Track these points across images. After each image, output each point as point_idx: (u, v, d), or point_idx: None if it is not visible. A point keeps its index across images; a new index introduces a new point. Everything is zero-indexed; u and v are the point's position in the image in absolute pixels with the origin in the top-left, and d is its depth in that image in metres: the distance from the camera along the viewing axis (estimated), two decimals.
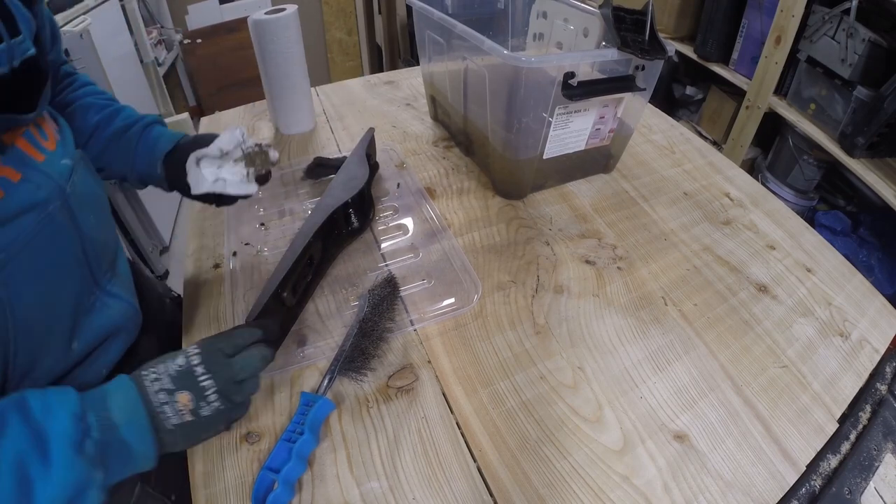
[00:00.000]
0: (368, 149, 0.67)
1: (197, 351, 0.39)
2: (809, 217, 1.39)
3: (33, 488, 0.29)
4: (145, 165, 0.55)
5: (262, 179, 0.52)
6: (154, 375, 0.37)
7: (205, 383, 0.38)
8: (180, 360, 0.38)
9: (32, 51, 0.39)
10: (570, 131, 0.64)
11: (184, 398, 0.37)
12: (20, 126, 0.39)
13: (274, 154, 0.51)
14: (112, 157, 0.55)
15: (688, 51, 1.57)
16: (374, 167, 0.70)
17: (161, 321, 0.58)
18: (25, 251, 0.37)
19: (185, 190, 0.53)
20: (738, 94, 1.45)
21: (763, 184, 0.90)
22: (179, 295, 0.64)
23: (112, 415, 0.34)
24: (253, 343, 0.42)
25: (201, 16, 2.30)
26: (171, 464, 0.54)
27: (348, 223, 0.61)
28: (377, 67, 2.62)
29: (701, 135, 1.64)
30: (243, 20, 2.19)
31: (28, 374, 0.39)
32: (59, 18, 1.31)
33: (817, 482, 0.41)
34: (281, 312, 0.48)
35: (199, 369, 0.38)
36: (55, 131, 0.45)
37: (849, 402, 0.47)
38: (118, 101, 0.58)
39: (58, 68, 0.56)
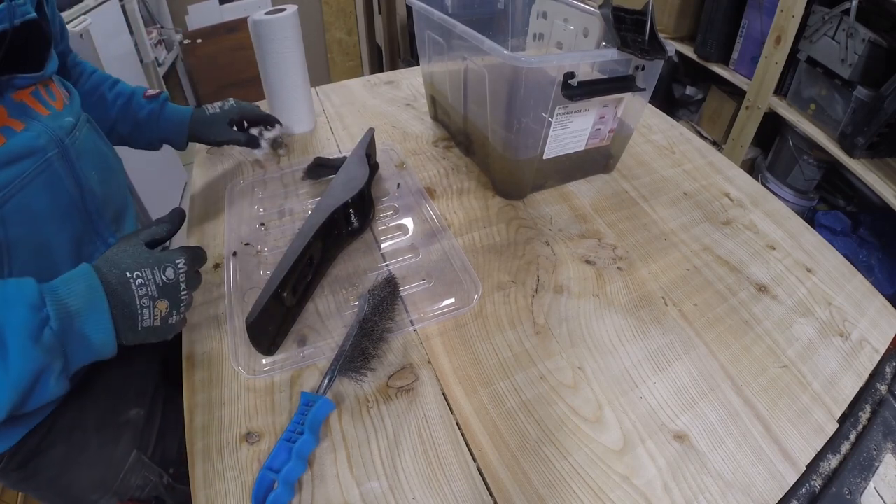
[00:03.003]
0: (368, 149, 0.67)
1: (184, 268, 0.41)
2: (809, 217, 1.39)
3: None
4: (169, 140, 0.69)
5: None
6: (141, 280, 0.38)
7: (183, 297, 0.41)
8: (170, 273, 0.40)
9: (33, 14, 0.42)
10: (570, 131, 0.64)
11: (162, 306, 0.39)
12: (28, 85, 0.43)
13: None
14: (137, 140, 0.67)
15: (688, 51, 1.57)
16: (374, 167, 0.70)
17: None
18: (23, 192, 0.41)
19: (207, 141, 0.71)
20: (738, 94, 1.45)
21: (763, 184, 0.90)
22: None
23: (70, 303, 0.34)
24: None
25: (201, 16, 2.30)
26: (171, 438, 0.55)
27: (348, 223, 0.61)
28: (377, 67, 2.62)
29: (701, 135, 1.64)
30: (243, 20, 2.19)
31: None
32: None
33: (817, 482, 0.41)
34: (281, 312, 0.48)
35: (183, 285, 0.41)
36: (64, 96, 0.49)
37: (849, 402, 0.47)
38: (120, 83, 0.67)
39: (65, 59, 0.62)
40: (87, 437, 0.51)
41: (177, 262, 0.40)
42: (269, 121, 0.75)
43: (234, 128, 0.71)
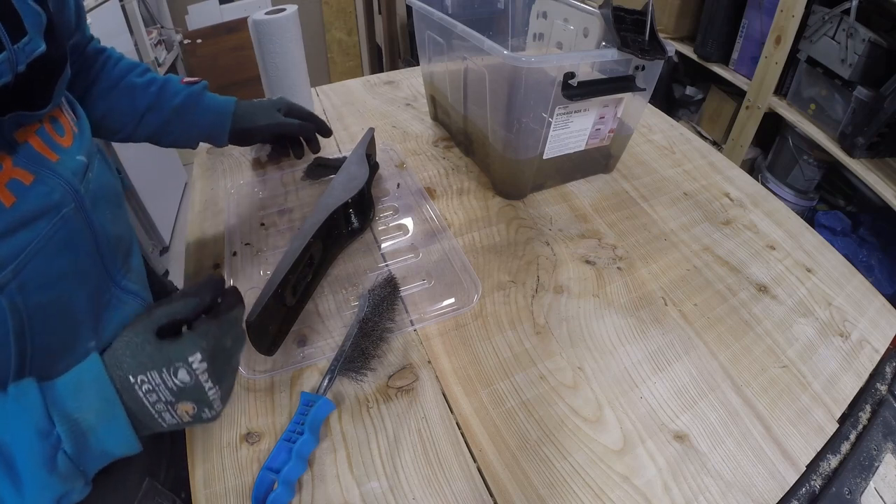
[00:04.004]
0: (368, 149, 0.67)
1: (205, 365, 0.32)
2: (809, 217, 1.39)
3: None
4: (210, 130, 0.63)
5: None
6: (147, 386, 0.31)
7: (211, 395, 0.33)
8: (184, 376, 0.31)
9: (42, 48, 0.37)
10: (570, 131, 0.64)
11: (187, 408, 0.32)
12: (33, 122, 0.38)
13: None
14: (171, 132, 0.61)
15: (688, 51, 1.57)
16: (374, 167, 0.70)
17: None
18: (40, 255, 0.36)
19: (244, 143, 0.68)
20: (738, 94, 1.45)
21: (763, 184, 0.90)
22: None
23: (82, 419, 0.29)
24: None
25: (201, 16, 2.30)
26: (181, 462, 0.54)
27: (348, 223, 0.61)
28: (377, 67, 2.62)
29: (701, 135, 1.64)
30: (243, 20, 2.19)
31: (45, 376, 0.37)
32: None
33: (817, 482, 0.41)
34: (281, 312, 0.48)
35: (209, 385, 0.33)
36: (72, 122, 0.44)
37: (849, 402, 0.47)
38: (152, 71, 0.61)
39: (84, 48, 0.57)
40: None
41: (190, 359, 0.32)
42: (317, 122, 0.70)
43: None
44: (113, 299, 0.46)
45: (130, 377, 0.31)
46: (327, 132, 0.72)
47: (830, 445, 0.43)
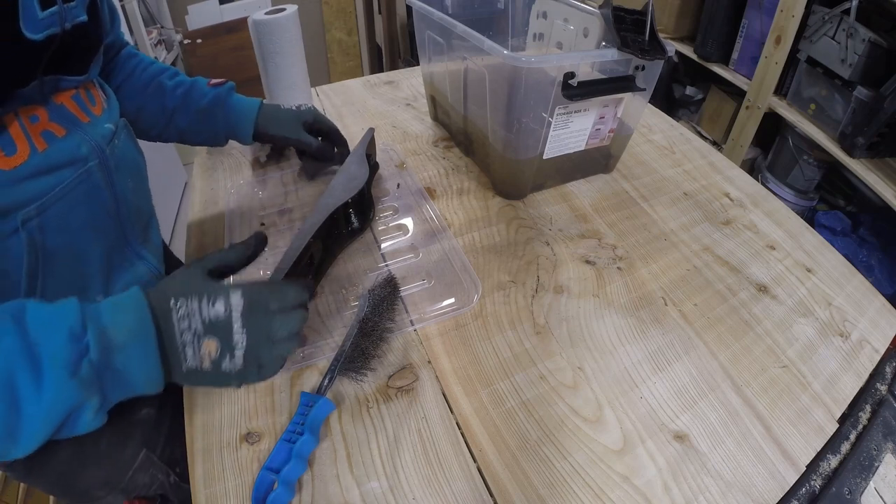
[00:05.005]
0: (368, 149, 0.67)
1: (241, 305, 0.34)
2: (809, 217, 1.39)
3: (21, 405, 0.28)
4: (234, 132, 0.64)
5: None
6: (184, 310, 0.32)
7: (237, 339, 0.34)
8: (220, 308, 0.33)
9: (84, 17, 0.42)
10: (570, 131, 0.64)
11: (210, 346, 0.33)
12: (70, 88, 0.42)
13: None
14: (198, 132, 0.63)
15: (688, 51, 1.57)
16: (374, 167, 0.70)
17: None
18: (63, 201, 0.40)
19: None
20: (738, 94, 1.45)
21: (763, 184, 0.90)
22: None
23: (115, 335, 0.31)
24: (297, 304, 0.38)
25: (201, 16, 2.30)
26: (179, 438, 0.55)
27: (348, 223, 0.61)
28: (377, 67, 2.62)
29: (701, 135, 1.64)
30: (243, 20, 2.19)
31: None
32: None
33: (817, 482, 0.41)
34: None
35: (238, 325, 0.34)
36: (103, 100, 0.49)
37: (849, 402, 0.47)
38: (181, 74, 0.64)
39: (119, 50, 0.61)
40: (97, 437, 0.49)
41: (231, 294, 0.34)
42: (339, 141, 0.70)
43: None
44: (126, 262, 0.50)
45: (172, 299, 0.33)
46: (343, 144, 0.71)
47: (830, 445, 0.43)
